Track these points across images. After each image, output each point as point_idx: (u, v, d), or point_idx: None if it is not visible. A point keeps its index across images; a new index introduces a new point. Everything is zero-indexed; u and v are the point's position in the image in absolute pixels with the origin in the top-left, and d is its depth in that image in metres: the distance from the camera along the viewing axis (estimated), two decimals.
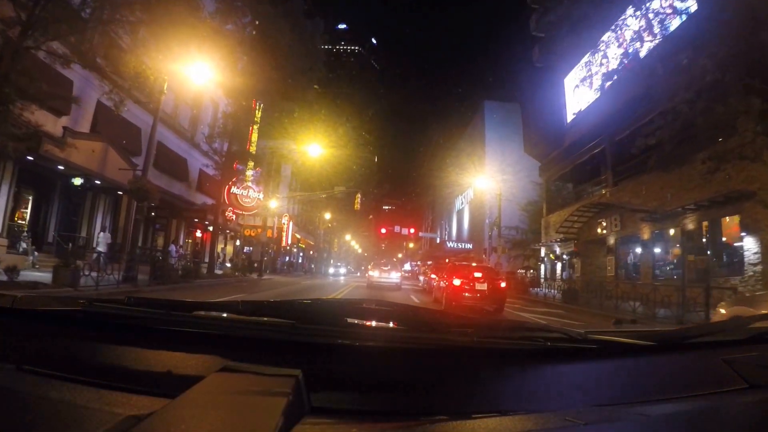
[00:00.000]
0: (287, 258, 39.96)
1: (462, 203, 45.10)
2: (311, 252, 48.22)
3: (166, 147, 18.33)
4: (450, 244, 40.23)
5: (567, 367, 0.91)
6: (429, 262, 60.66)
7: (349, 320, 1.02)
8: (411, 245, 78.38)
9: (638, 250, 17.00)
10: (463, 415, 0.72)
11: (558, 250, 21.56)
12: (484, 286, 9.98)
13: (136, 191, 11.31)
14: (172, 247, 17.87)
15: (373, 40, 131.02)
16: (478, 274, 10.34)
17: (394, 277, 17.87)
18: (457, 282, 10.06)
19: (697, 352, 1.03)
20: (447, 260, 42.80)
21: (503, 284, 10.35)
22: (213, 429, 0.55)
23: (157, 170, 17.67)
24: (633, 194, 16.82)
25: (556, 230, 19.87)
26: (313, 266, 46.20)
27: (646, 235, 15.95)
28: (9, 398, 0.70)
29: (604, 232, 18.34)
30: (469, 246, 38.84)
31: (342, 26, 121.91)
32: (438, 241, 54.01)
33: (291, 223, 35.39)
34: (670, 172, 11.10)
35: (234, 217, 21.66)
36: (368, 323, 1.09)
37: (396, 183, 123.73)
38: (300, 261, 46.91)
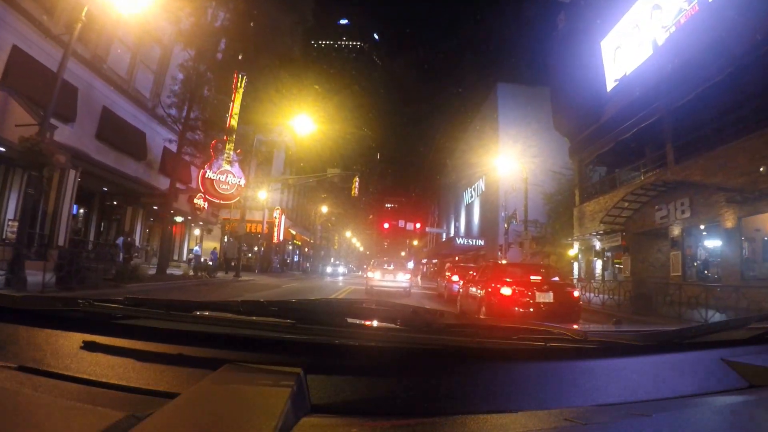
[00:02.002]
0: (282, 256, 36.37)
1: (472, 196, 41.39)
2: (306, 249, 44.50)
3: (116, 115, 14.71)
4: (459, 241, 36.48)
5: (567, 367, 0.89)
6: (435, 261, 57.10)
7: (350, 320, 0.99)
8: (415, 243, 74.47)
9: (716, 242, 13.30)
10: (463, 415, 0.72)
11: (598, 245, 17.85)
12: (548, 297, 6.30)
13: (28, 153, 7.66)
14: (121, 241, 14.26)
15: (375, 36, 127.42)
16: (535, 278, 6.67)
17: (402, 279, 13.36)
18: (506, 291, 6.36)
19: (697, 352, 1.03)
20: (456, 258, 39.14)
21: (576, 293, 6.66)
22: (213, 428, 0.55)
23: (101, 143, 14.08)
24: (705, 172, 13.13)
25: (600, 220, 16.17)
26: (308, 265, 42.53)
27: (729, 222, 12.24)
28: (9, 398, 0.70)
29: (665, 220, 14.64)
30: (481, 242, 35.18)
31: (343, 21, 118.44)
32: (444, 238, 50.30)
33: (284, 217, 31.74)
34: None
35: (205, 205, 17.94)
36: (368, 323, 1.06)
37: (398, 179, 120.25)
38: (297, 259, 43.32)
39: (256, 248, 32.17)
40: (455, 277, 11.64)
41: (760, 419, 0.79)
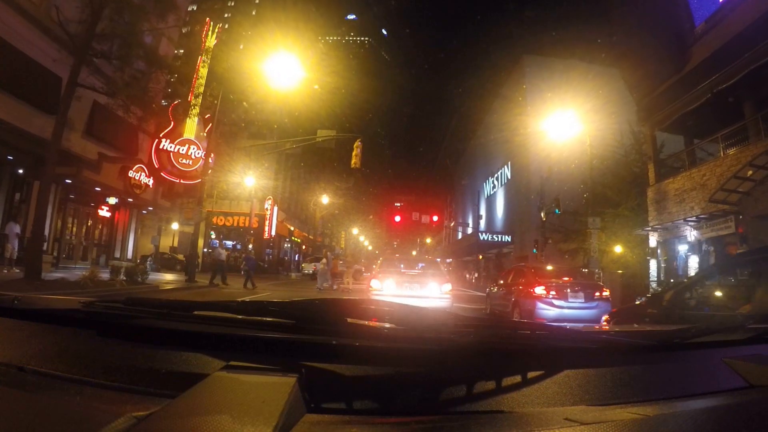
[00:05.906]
0: (277, 254, 31.91)
1: (493, 187, 36.59)
2: (305, 247, 39.92)
3: (12, 47, 10.25)
4: (483, 237, 31.63)
5: (567, 367, 0.88)
6: (449, 260, 52.24)
7: (350, 320, 0.97)
8: (428, 240, 69.41)
9: None
10: (463, 415, 0.72)
11: (694, 235, 12.96)
12: None
13: None
14: (13, 227, 9.82)
15: (384, 31, 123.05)
16: None
17: (435, 293, 7.31)
18: None
19: (697, 352, 1.02)
20: (480, 257, 34.26)
21: None
22: (213, 428, 0.55)
23: None
24: None
25: (709, 198, 11.31)
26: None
27: None
28: (10, 398, 0.69)
29: None
30: (508, 238, 30.35)
31: (351, 17, 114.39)
32: (460, 235, 45.43)
33: (276, 209, 27.26)
34: None
35: (148, 182, 13.34)
36: (368, 323, 1.03)
37: (409, 174, 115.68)
38: (297, 258, 38.88)
39: (250, 247, 27.82)
40: (539, 289, 6.46)
41: (760, 419, 0.77)
